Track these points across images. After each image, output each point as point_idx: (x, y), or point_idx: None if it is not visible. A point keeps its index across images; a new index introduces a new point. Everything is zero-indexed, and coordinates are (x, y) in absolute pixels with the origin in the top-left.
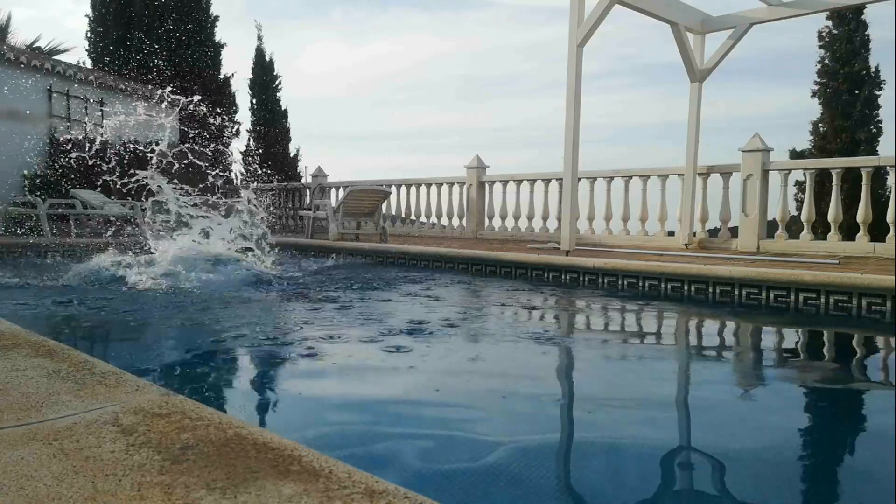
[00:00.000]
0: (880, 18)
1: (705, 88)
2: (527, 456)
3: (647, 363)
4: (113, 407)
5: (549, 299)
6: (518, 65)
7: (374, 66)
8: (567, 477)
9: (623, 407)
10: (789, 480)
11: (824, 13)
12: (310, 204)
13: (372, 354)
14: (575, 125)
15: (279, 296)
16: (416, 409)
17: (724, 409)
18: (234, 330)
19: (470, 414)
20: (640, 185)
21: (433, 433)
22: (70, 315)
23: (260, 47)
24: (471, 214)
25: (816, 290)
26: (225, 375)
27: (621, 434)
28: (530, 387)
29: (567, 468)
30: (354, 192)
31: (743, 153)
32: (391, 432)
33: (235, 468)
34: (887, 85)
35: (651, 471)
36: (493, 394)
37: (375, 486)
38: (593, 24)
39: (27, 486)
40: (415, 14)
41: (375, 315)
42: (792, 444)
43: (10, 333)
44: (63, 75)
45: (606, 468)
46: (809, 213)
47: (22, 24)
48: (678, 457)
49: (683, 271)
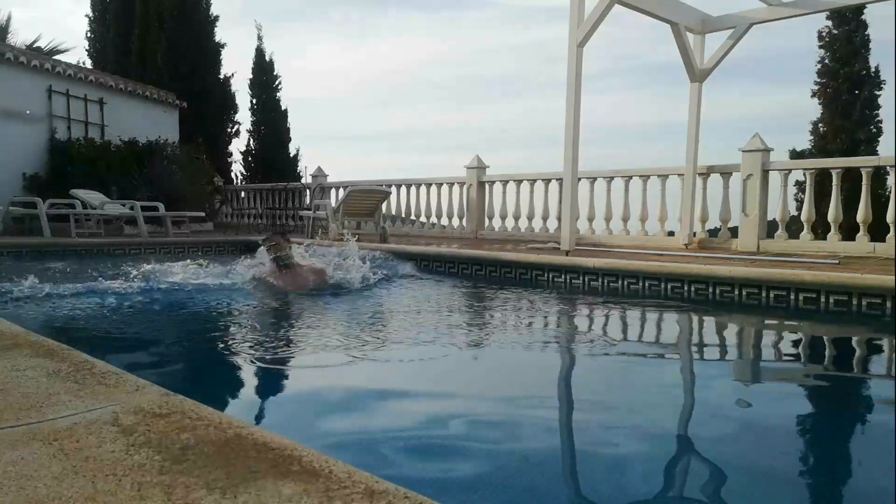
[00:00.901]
0: (880, 18)
1: (705, 88)
2: (528, 458)
3: (647, 363)
4: (113, 407)
5: (548, 298)
6: (517, 65)
7: (373, 66)
8: (561, 474)
9: (624, 406)
10: (789, 480)
11: (824, 13)
12: (310, 204)
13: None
14: (575, 125)
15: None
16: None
17: (724, 407)
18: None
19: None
20: (640, 185)
21: (433, 433)
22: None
23: (260, 47)
24: (471, 214)
25: (816, 290)
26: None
27: (621, 433)
28: (530, 383)
29: (572, 469)
30: (354, 192)
31: (743, 153)
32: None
33: (235, 468)
34: (887, 85)
35: (649, 472)
36: (492, 387)
37: (375, 486)
38: (593, 24)
39: (27, 486)
40: (414, 14)
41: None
42: (791, 444)
43: (10, 333)
44: (63, 75)
45: (605, 466)
46: (809, 213)
47: (22, 24)
48: (678, 461)
49: (683, 271)
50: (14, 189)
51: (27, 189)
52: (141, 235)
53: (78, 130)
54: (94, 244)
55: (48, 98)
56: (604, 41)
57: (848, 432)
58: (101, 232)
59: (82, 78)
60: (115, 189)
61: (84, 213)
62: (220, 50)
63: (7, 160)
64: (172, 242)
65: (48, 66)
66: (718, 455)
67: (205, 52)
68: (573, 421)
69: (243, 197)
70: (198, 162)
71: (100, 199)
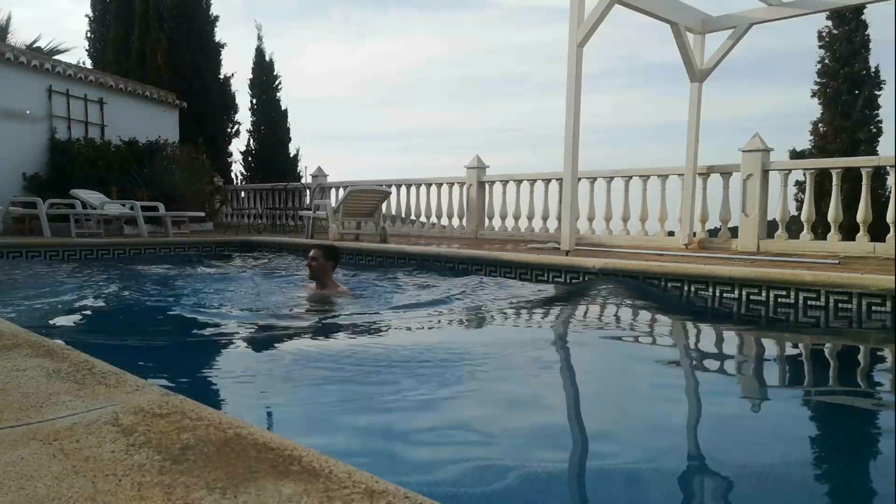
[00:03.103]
0: (880, 18)
1: (705, 88)
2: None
3: (648, 364)
4: (113, 407)
5: (548, 299)
6: (517, 65)
7: (373, 66)
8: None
9: (624, 405)
10: (788, 480)
11: (824, 13)
12: (310, 204)
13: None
14: (575, 125)
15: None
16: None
17: (724, 407)
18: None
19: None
20: (640, 185)
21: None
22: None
23: (260, 47)
24: (471, 214)
25: (816, 290)
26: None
27: (621, 433)
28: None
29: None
30: (354, 192)
31: (743, 153)
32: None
33: (235, 468)
34: (887, 85)
35: (650, 482)
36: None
37: (375, 486)
38: (593, 24)
39: (27, 486)
40: (413, 15)
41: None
42: (789, 443)
43: (10, 333)
44: (63, 75)
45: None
46: (809, 213)
47: (22, 24)
48: (678, 463)
49: (683, 271)
50: (14, 189)
51: (27, 189)
52: (141, 235)
53: (78, 130)
54: (94, 244)
55: (48, 98)
56: (604, 41)
57: (847, 432)
58: (102, 232)
59: (82, 78)
60: (115, 189)
61: (84, 213)
62: (220, 50)
63: (7, 160)
64: (172, 242)
65: (48, 66)
66: (718, 455)
67: (205, 51)
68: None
69: (243, 197)
70: (198, 162)
71: (100, 199)
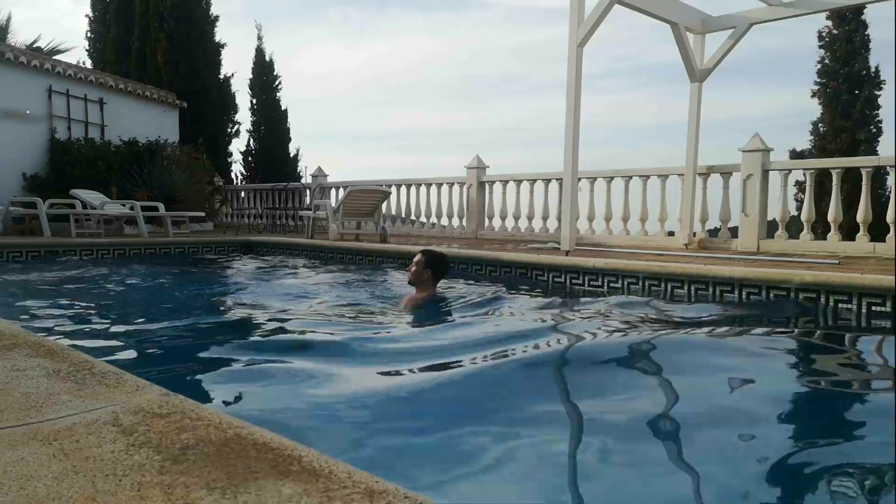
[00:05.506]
0: (880, 18)
1: (705, 88)
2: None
3: (647, 364)
4: (113, 407)
5: (547, 299)
6: (517, 65)
7: (372, 66)
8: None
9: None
10: (788, 481)
11: (824, 13)
12: (310, 204)
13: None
14: (575, 125)
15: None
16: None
17: (723, 407)
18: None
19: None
20: (640, 185)
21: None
22: None
23: (260, 47)
24: (471, 214)
25: (816, 290)
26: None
27: (621, 432)
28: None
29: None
30: (354, 192)
31: (743, 153)
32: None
33: (235, 468)
34: (887, 85)
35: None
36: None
37: (375, 486)
38: (593, 24)
39: (27, 486)
40: (413, 15)
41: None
42: (788, 443)
43: (10, 333)
44: (63, 75)
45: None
46: (809, 213)
47: (22, 24)
48: (671, 456)
49: (683, 271)
50: (14, 189)
51: (27, 189)
52: (141, 235)
53: (78, 130)
54: (94, 244)
55: (48, 98)
56: (604, 41)
57: (847, 432)
58: (102, 232)
59: (82, 78)
60: (115, 189)
61: (84, 213)
62: (221, 50)
63: (7, 160)
64: (172, 242)
65: (48, 66)
66: (717, 454)
67: (205, 51)
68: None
69: (243, 197)
70: (198, 162)
71: (100, 199)
